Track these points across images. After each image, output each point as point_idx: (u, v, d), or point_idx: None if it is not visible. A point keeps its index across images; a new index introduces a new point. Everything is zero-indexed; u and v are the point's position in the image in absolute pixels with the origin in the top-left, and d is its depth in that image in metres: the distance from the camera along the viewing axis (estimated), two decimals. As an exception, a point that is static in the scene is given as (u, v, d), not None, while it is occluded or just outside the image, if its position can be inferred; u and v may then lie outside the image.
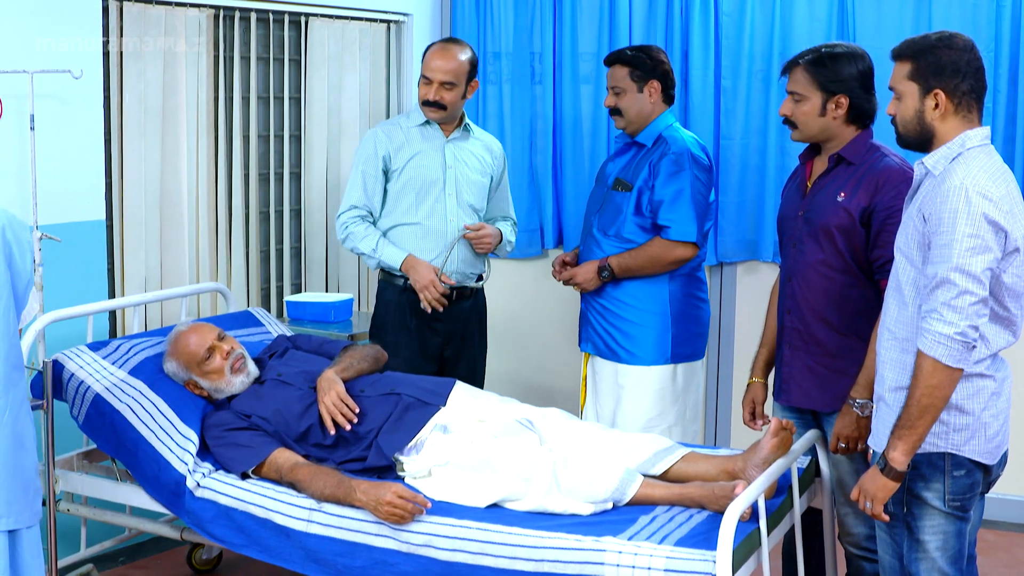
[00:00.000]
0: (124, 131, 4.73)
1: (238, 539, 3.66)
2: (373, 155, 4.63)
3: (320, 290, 5.64)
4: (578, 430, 3.84)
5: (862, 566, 3.81)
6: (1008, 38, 5.03)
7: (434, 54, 4.59)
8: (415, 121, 4.68)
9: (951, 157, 3.04)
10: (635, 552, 3.17)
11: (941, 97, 3.06)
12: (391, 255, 4.57)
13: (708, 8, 5.46)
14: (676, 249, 4.35)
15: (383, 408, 3.87)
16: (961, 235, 2.90)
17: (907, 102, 3.12)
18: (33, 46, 4.27)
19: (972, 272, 2.89)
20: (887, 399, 3.14)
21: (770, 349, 4.02)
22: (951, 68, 3.06)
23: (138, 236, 4.80)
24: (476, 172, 4.74)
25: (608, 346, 4.49)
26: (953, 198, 2.93)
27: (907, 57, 3.12)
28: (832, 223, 3.66)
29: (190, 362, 3.98)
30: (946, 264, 2.91)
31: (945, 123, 3.07)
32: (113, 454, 3.92)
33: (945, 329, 2.89)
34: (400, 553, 3.41)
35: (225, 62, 5.11)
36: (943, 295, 2.90)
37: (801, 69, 3.73)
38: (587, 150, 5.78)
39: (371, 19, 5.72)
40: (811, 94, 3.70)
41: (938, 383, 2.91)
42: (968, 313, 2.89)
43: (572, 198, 5.83)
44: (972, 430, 3.05)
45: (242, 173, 5.22)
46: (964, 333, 2.89)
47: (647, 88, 4.42)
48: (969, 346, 2.90)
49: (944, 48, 3.08)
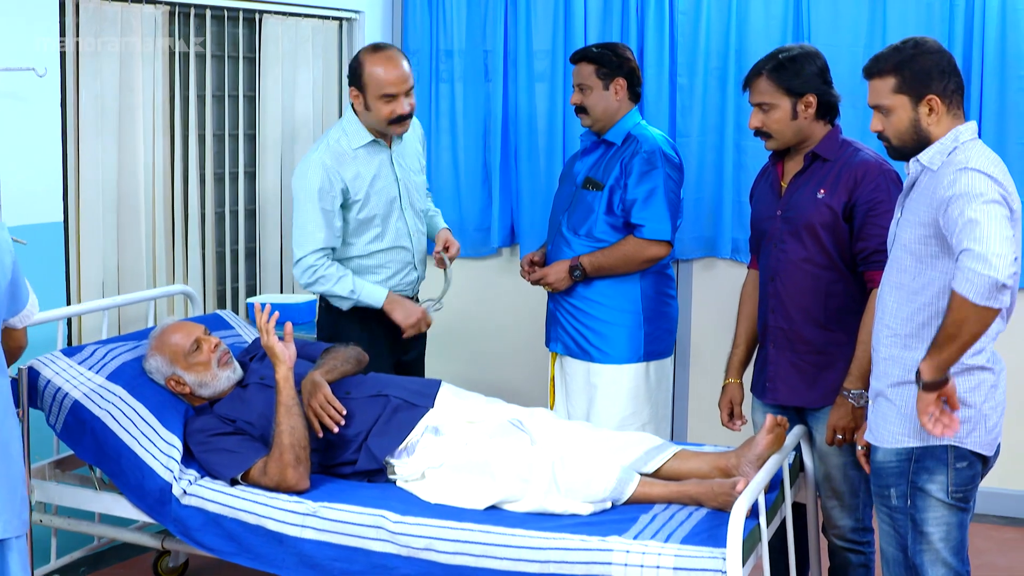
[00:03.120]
0: (81, 130, 4.62)
1: (228, 547, 3.59)
2: (329, 190, 4.23)
3: (275, 291, 5.56)
4: (568, 430, 3.84)
5: (848, 558, 3.87)
6: (961, 36, 5.10)
7: (386, 68, 4.25)
8: (358, 142, 4.32)
9: (947, 152, 3.08)
10: (642, 551, 3.17)
11: (935, 102, 3.11)
12: (371, 294, 4.32)
13: (663, 5, 5.47)
14: (650, 248, 4.36)
15: (371, 410, 3.82)
16: (990, 214, 2.88)
17: (899, 115, 3.15)
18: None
19: (1010, 251, 2.86)
20: (889, 395, 3.18)
21: (745, 349, 4.07)
22: (936, 72, 3.11)
23: (96, 238, 4.69)
24: (417, 171, 4.56)
25: (579, 345, 4.49)
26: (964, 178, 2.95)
27: (887, 72, 3.15)
28: (815, 220, 3.70)
29: (176, 355, 3.89)
30: (982, 244, 2.85)
31: (940, 125, 3.13)
32: (93, 462, 3.82)
33: (983, 268, 2.83)
34: (400, 557, 3.38)
35: (180, 60, 5.01)
36: (978, 265, 2.85)
37: (764, 78, 3.75)
38: (542, 148, 5.77)
39: (323, 16, 5.65)
40: (779, 100, 3.74)
41: (963, 318, 2.87)
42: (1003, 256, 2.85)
43: (527, 196, 5.81)
44: (974, 422, 3.10)
45: (198, 173, 5.13)
46: (1005, 278, 2.83)
47: (613, 85, 4.42)
48: (1003, 287, 2.84)
49: (922, 55, 3.13)
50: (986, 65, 5.05)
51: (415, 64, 5.92)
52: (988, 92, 5.06)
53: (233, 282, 5.43)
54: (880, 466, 3.22)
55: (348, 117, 4.37)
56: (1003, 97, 5.07)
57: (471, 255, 5.96)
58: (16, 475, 3.05)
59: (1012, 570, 4.81)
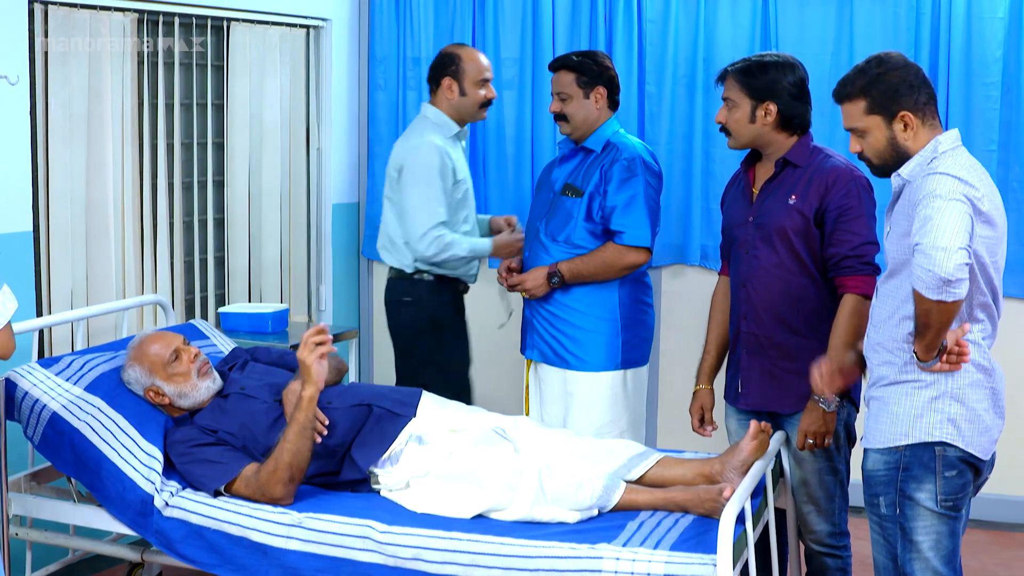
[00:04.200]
0: (50, 138, 4.56)
1: (210, 559, 3.55)
2: (443, 168, 4.68)
3: (244, 300, 5.52)
4: (551, 438, 3.83)
5: (825, 562, 3.90)
6: (928, 43, 5.16)
7: (481, 56, 4.86)
8: (448, 132, 4.80)
9: (927, 162, 3.11)
10: (632, 558, 3.18)
11: (908, 117, 3.14)
12: (481, 245, 4.81)
13: (631, 13, 5.50)
14: (629, 254, 4.36)
15: (353, 420, 3.79)
16: (943, 210, 2.93)
17: (875, 135, 3.18)
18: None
19: (956, 245, 2.90)
20: (878, 395, 3.22)
21: (715, 355, 4.10)
22: (904, 87, 3.15)
23: (65, 248, 4.62)
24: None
25: (556, 353, 4.48)
26: (930, 181, 3.01)
27: (856, 95, 3.19)
28: (787, 226, 3.74)
29: (155, 366, 3.85)
30: (929, 237, 2.91)
31: (917, 139, 3.16)
32: (73, 474, 3.77)
33: (927, 264, 2.89)
34: (387, 567, 3.36)
35: (149, 67, 4.97)
36: (923, 261, 2.91)
37: (731, 76, 3.82)
38: (511, 156, 5.78)
39: (291, 24, 5.63)
40: (741, 101, 3.79)
41: (926, 310, 2.93)
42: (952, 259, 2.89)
43: (496, 203, 5.80)
44: (967, 421, 3.11)
45: (166, 182, 5.08)
46: (947, 273, 2.88)
47: (593, 94, 4.42)
48: (948, 282, 2.88)
49: (887, 72, 3.16)
50: (952, 72, 5.12)
51: (381, 72, 5.92)
52: (955, 99, 5.13)
53: (202, 291, 5.39)
54: (869, 474, 3.24)
55: (432, 111, 4.84)
56: (969, 104, 5.13)
57: (440, 262, 5.95)
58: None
59: (983, 570, 4.87)
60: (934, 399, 3.11)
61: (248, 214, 5.51)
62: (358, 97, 6.04)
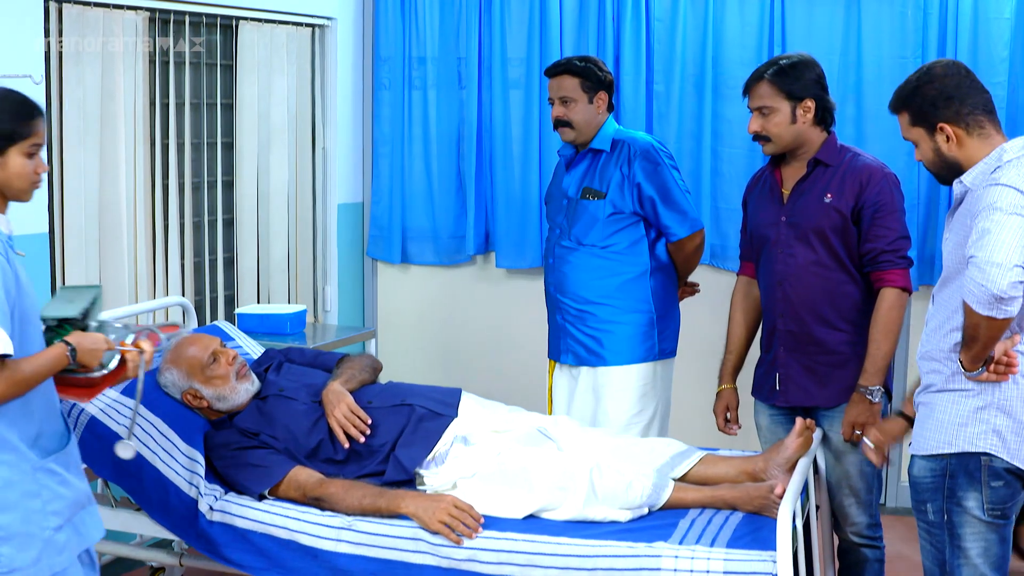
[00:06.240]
0: (65, 138, 4.51)
1: (258, 563, 3.51)
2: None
3: (253, 302, 5.48)
4: (593, 437, 3.83)
5: (864, 553, 3.95)
6: (935, 43, 5.20)
7: None
8: None
9: (990, 170, 3.08)
10: (691, 556, 3.18)
11: (948, 129, 3.13)
12: None
13: (640, 12, 5.50)
14: (693, 240, 4.42)
15: (395, 420, 3.77)
16: (1003, 224, 2.93)
17: (923, 146, 3.20)
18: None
19: (1012, 262, 2.90)
20: (927, 401, 3.22)
21: (737, 355, 4.14)
22: (942, 99, 3.13)
23: (80, 249, 4.57)
24: None
25: (591, 350, 4.41)
26: (991, 193, 2.99)
27: (899, 108, 3.22)
28: (824, 224, 3.78)
29: (193, 368, 3.80)
30: (985, 251, 2.91)
31: (965, 148, 3.14)
32: (112, 479, 3.71)
33: (980, 278, 2.90)
34: (441, 569, 3.33)
35: (160, 66, 4.92)
36: (977, 275, 2.92)
37: (765, 83, 3.82)
38: (517, 156, 5.76)
39: (297, 23, 5.59)
40: (779, 104, 3.81)
41: (975, 324, 2.95)
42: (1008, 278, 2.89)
43: (502, 204, 5.80)
44: (1013, 432, 3.09)
45: (177, 182, 5.05)
46: (1000, 290, 2.89)
47: (596, 99, 4.41)
48: (1000, 299, 2.90)
49: (925, 84, 3.16)
50: (960, 72, 5.16)
51: (387, 71, 5.90)
52: (963, 99, 5.16)
53: (212, 292, 5.35)
54: (916, 480, 3.24)
55: None
56: (977, 104, 5.17)
57: (445, 263, 5.94)
58: None
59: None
60: (980, 409, 3.11)
61: (256, 214, 5.47)
62: (363, 96, 6.01)
